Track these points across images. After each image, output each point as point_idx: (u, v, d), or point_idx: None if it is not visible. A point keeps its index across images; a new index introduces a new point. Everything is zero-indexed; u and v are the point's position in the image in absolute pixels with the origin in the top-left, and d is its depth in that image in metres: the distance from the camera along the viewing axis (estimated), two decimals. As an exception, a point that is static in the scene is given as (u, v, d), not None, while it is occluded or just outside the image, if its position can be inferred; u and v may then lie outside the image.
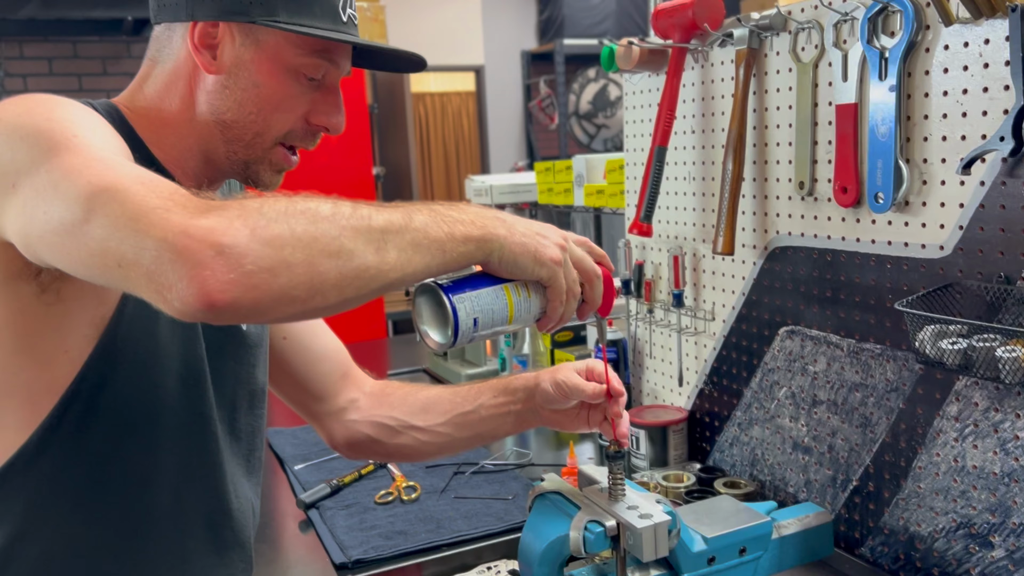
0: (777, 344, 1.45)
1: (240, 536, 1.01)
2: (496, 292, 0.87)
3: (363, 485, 1.65)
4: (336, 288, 0.71)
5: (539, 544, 1.04)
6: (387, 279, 0.75)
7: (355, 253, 0.72)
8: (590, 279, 0.90)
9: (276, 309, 0.69)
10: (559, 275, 0.87)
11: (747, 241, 1.49)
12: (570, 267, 0.88)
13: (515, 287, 0.88)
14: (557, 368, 1.10)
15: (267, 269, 0.67)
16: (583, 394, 1.04)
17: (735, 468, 1.58)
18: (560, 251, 0.86)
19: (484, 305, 0.86)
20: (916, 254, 1.18)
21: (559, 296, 0.88)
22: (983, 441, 1.11)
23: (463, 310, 0.85)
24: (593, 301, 0.92)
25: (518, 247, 0.84)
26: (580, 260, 0.89)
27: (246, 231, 0.67)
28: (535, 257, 0.85)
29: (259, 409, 1.07)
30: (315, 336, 1.20)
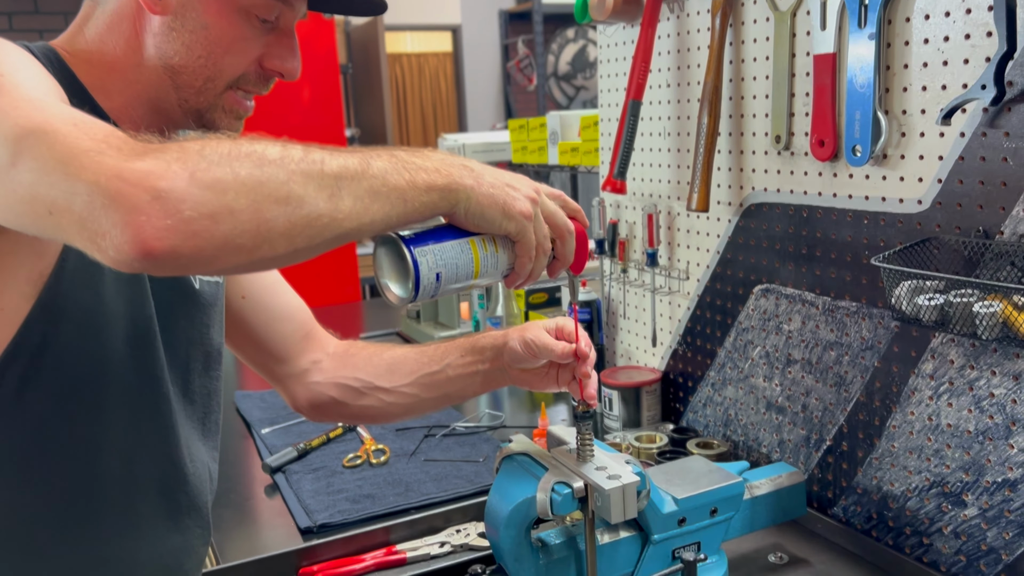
0: (752, 303, 1.42)
1: (196, 501, 0.98)
2: (461, 246, 0.83)
3: (331, 449, 1.62)
4: (285, 237, 0.67)
5: (505, 506, 1.01)
6: (341, 228, 0.70)
7: (305, 200, 0.68)
8: (562, 235, 0.86)
9: (220, 259, 0.65)
10: (528, 230, 0.82)
11: (722, 198, 1.45)
12: (541, 222, 0.84)
13: (482, 241, 0.84)
14: (526, 326, 1.06)
15: (208, 215, 0.63)
16: (552, 353, 1.01)
17: (708, 428, 1.56)
18: (531, 204, 0.82)
19: (448, 259, 0.82)
20: (893, 209, 1.15)
21: (527, 252, 0.84)
22: (958, 399, 1.09)
23: (425, 264, 0.81)
24: (564, 258, 0.88)
25: (486, 199, 0.80)
26: (552, 214, 0.85)
27: (185, 174, 0.63)
28: (503, 210, 0.80)
29: (214, 371, 1.02)
30: (275, 295, 1.15)
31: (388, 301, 0.86)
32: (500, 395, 1.94)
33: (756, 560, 1.22)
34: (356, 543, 1.30)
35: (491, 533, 1.04)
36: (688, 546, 1.11)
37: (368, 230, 0.73)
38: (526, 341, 1.03)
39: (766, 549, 1.25)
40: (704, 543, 1.12)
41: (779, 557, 1.22)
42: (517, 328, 1.07)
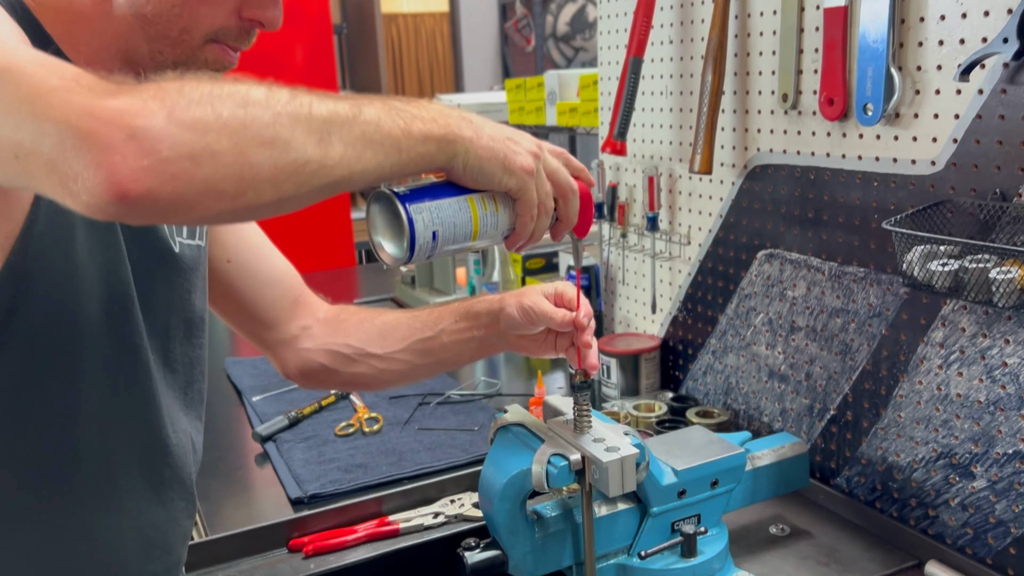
0: (755, 268, 1.38)
1: (179, 473, 0.94)
2: (459, 203, 0.78)
3: (323, 417, 1.58)
4: (271, 183, 0.63)
5: (500, 478, 0.98)
6: (332, 176, 0.66)
7: (292, 144, 0.64)
8: (565, 194, 0.82)
9: (201, 205, 0.61)
10: (530, 187, 0.79)
11: (726, 160, 1.40)
12: (543, 179, 0.80)
13: (481, 199, 0.80)
14: (523, 292, 1.02)
15: (188, 156, 0.59)
16: (551, 322, 0.97)
17: (708, 397, 1.52)
18: (533, 160, 0.78)
19: (445, 217, 0.78)
20: (905, 170, 1.10)
21: (529, 210, 0.80)
22: (969, 368, 1.05)
23: (420, 221, 0.76)
24: (568, 219, 0.84)
25: (485, 152, 0.76)
26: (554, 172, 0.81)
27: (163, 113, 0.58)
28: (504, 165, 0.76)
29: (197, 338, 0.98)
30: (262, 259, 1.11)
31: (382, 262, 0.82)
32: (496, 362, 1.90)
33: (757, 532, 1.20)
34: (348, 514, 1.27)
35: (485, 506, 1.01)
36: (688, 518, 1.08)
37: (360, 179, 0.69)
38: (524, 307, 0.99)
39: (767, 520, 1.22)
40: (704, 515, 1.09)
41: (780, 529, 1.20)
42: (514, 293, 1.03)
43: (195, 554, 1.18)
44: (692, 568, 1.04)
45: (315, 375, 1.14)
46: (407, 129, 0.71)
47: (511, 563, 1.00)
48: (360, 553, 1.20)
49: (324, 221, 3.46)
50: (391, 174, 0.71)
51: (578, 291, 0.98)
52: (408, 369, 1.11)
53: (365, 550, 1.21)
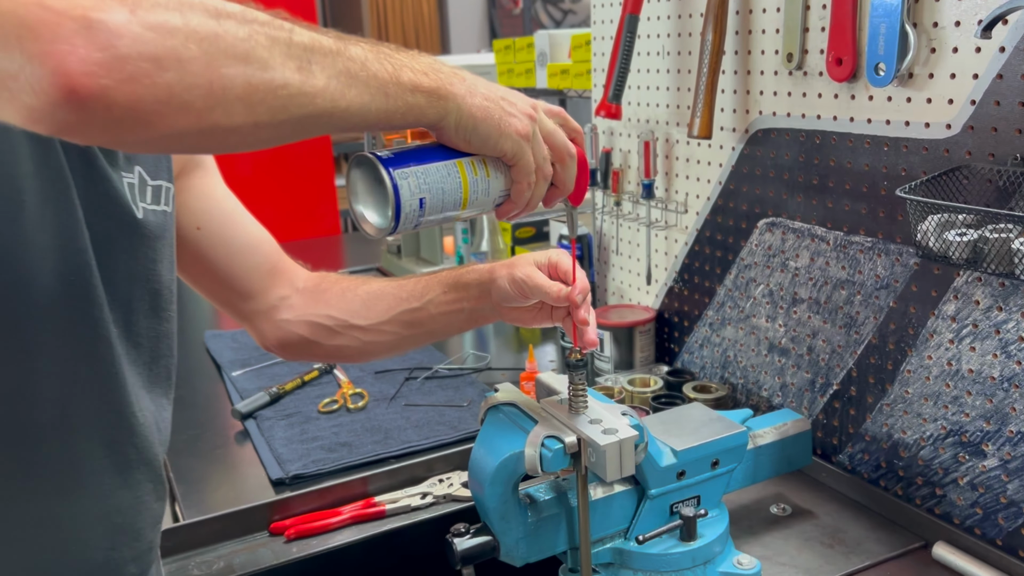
0: (755, 238, 1.32)
1: (146, 454, 0.88)
2: (448, 168, 0.72)
3: (306, 393, 1.53)
4: (243, 102, 0.57)
5: (491, 461, 0.93)
6: (313, 105, 0.61)
7: (270, 64, 0.58)
8: (562, 158, 0.77)
9: (163, 117, 0.55)
10: (526, 151, 0.73)
11: (726, 123, 1.34)
12: (540, 142, 0.74)
13: (471, 163, 0.74)
14: (515, 262, 0.96)
15: (150, 58, 0.52)
16: (545, 296, 0.91)
17: (705, 371, 1.48)
18: (529, 122, 0.73)
19: (433, 183, 0.72)
20: (918, 134, 1.04)
21: (526, 176, 0.74)
22: (982, 343, 1.00)
23: (406, 188, 0.70)
24: (564, 185, 0.79)
25: (479, 111, 0.70)
26: (551, 134, 0.75)
27: (124, 9, 0.52)
28: (499, 127, 0.71)
29: (164, 311, 0.91)
30: (235, 226, 1.04)
31: (364, 232, 0.76)
32: (485, 334, 1.85)
33: (758, 512, 1.15)
34: (332, 495, 1.22)
35: (475, 489, 0.96)
36: (687, 500, 1.03)
37: (343, 119, 0.64)
38: (516, 280, 0.93)
39: (768, 500, 1.18)
40: (704, 497, 1.04)
41: (782, 508, 1.15)
42: (505, 264, 0.97)
43: (171, 539, 1.13)
44: (692, 552, 1.00)
45: (296, 347, 1.08)
46: (395, 75, 0.66)
47: (503, 549, 0.95)
48: (345, 536, 1.15)
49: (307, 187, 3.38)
50: (376, 120, 0.66)
51: (573, 263, 0.92)
52: (394, 341, 1.06)
53: (350, 533, 1.16)
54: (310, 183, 3.39)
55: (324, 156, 3.48)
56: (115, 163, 0.83)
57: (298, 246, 2.84)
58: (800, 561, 1.04)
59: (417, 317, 1.03)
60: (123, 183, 0.83)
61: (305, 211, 3.33)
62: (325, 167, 3.49)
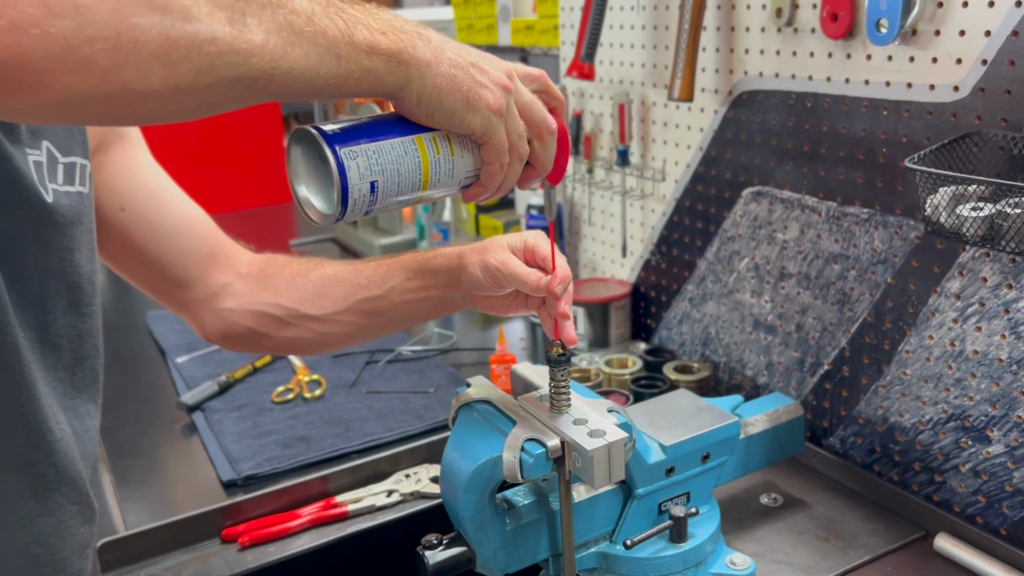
0: (740, 208, 1.24)
1: (67, 473, 0.77)
2: (404, 145, 0.63)
3: (258, 380, 1.42)
4: (161, 59, 0.47)
5: (466, 467, 0.84)
6: (247, 67, 0.51)
7: (193, 14, 0.48)
8: (540, 134, 0.68)
9: (57, 77, 0.45)
10: (499, 128, 0.64)
11: (708, 85, 1.24)
12: (515, 117, 0.65)
13: (433, 140, 0.64)
14: (487, 247, 0.86)
15: (38, 2, 0.43)
16: (522, 285, 0.81)
17: (684, 348, 1.40)
18: (503, 94, 0.63)
19: (386, 163, 0.62)
20: (921, 97, 0.96)
21: (497, 157, 0.65)
22: (989, 323, 0.93)
23: (355, 169, 0.60)
24: (542, 165, 0.69)
25: (445, 81, 0.61)
26: (528, 107, 0.66)
27: None
28: (467, 100, 0.62)
29: (86, 307, 0.80)
30: (164, 205, 0.92)
31: (307, 218, 0.65)
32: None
33: (747, 503, 1.09)
34: (289, 496, 1.12)
35: (449, 497, 0.87)
36: (676, 497, 0.96)
37: (285, 82, 0.53)
38: (488, 267, 0.83)
39: (757, 489, 1.11)
40: (693, 493, 0.97)
41: (773, 498, 1.09)
42: (476, 248, 0.87)
43: (112, 552, 1.03)
44: (683, 554, 0.92)
45: (241, 339, 0.97)
46: (348, 33, 0.56)
47: (479, 561, 0.87)
48: (304, 541, 1.06)
49: (251, 151, 3.20)
50: (325, 86, 0.56)
51: (552, 250, 0.82)
52: (352, 331, 0.95)
53: (310, 537, 1.07)
54: (254, 146, 3.20)
55: (271, 116, 3.30)
56: (16, 138, 0.71)
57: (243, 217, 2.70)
58: (796, 558, 0.97)
59: (378, 306, 0.93)
60: (28, 162, 0.71)
61: (249, 178, 3.16)
62: (272, 128, 3.31)
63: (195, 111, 0.52)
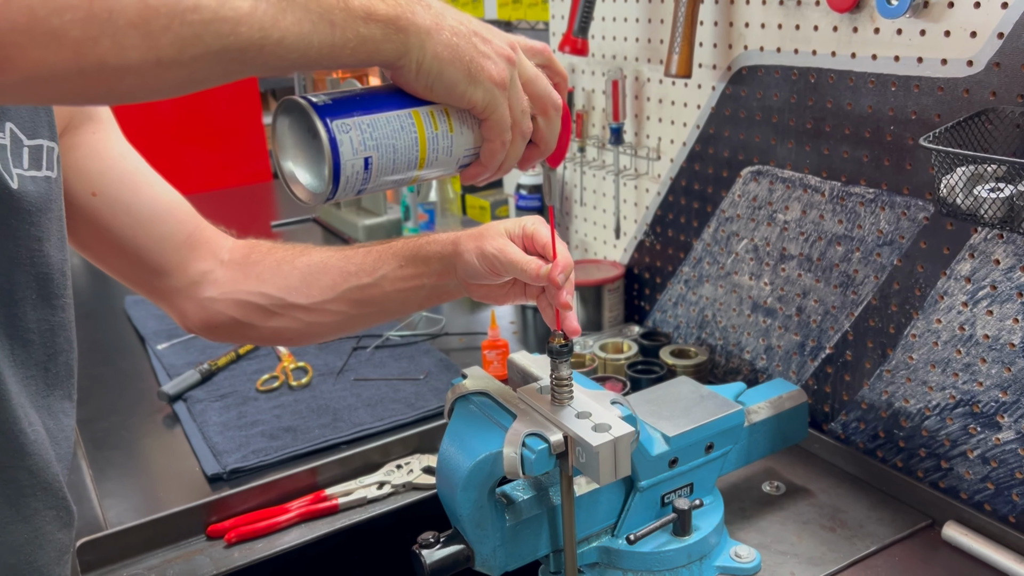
0: (738, 188, 1.20)
1: (43, 476, 0.73)
2: (401, 120, 0.58)
3: (241, 368, 1.37)
4: (140, 31, 0.44)
5: (464, 463, 0.80)
6: (234, 37, 0.47)
7: None
8: (545, 110, 0.64)
9: (24, 51, 0.41)
10: (501, 103, 0.60)
11: (705, 60, 1.20)
12: (519, 92, 0.61)
13: (431, 114, 0.60)
14: (483, 233, 0.82)
15: None
16: (522, 274, 0.77)
17: (679, 331, 1.37)
18: (507, 66, 0.59)
19: (382, 138, 0.58)
20: (933, 72, 0.93)
21: (499, 134, 0.61)
22: (1002, 307, 0.90)
23: (348, 144, 0.56)
24: (546, 143, 0.66)
25: (447, 51, 0.57)
26: (533, 81, 0.62)
27: None
28: (469, 71, 0.58)
29: (58, 298, 0.75)
30: (138, 189, 0.87)
31: (295, 197, 0.61)
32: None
33: (749, 491, 1.06)
34: (276, 490, 1.08)
35: (446, 494, 0.84)
36: (679, 489, 0.93)
37: (276, 52, 0.49)
38: (485, 254, 0.79)
39: (759, 476, 1.08)
40: (697, 483, 0.94)
41: (775, 486, 1.06)
42: (472, 235, 0.83)
43: (92, 551, 0.98)
44: (687, 548, 0.89)
45: (224, 329, 0.92)
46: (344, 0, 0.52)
47: (478, 559, 0.84)
48: (293, 536, 1.03)
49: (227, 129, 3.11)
50: (319, 57, 0.52)
51: (553, 235, 0.78)
52: (342, 321, 0.91)
53: (299, 532, 1.03)
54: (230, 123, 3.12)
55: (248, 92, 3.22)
56: None
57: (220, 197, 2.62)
58: (801, 549, 0.95)
59: (369, 295, 0.88)
60: None
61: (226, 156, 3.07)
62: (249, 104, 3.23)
63: (180, 87, 0.48)
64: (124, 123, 0.90)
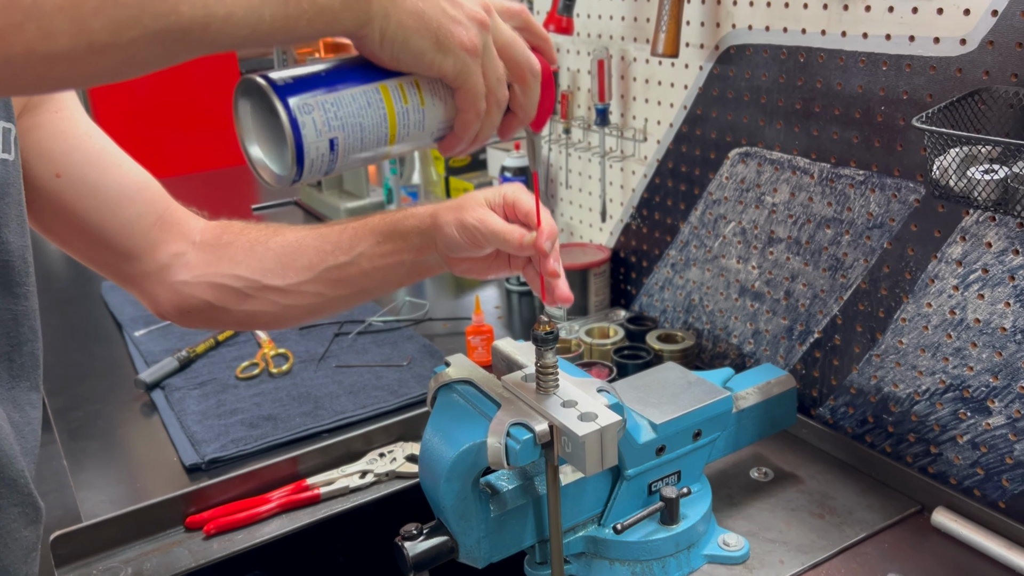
0: (726, 170, 1.18)
1: (7, 472, 0.70)
2: (367, 95, 0.56)
3: (220, 355, 1.34)
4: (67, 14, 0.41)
5: (447, 453, 0.78)
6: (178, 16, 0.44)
7: None
8: (522, 77, 0.61)
9: None
10: (474, 71, 0.57)
11: (693, 39, 1.17)
12: (493, 58, 0.58)
13: (400, 86, 0.57)
14: (463, 204, 0.79)
15: None
16: (505, 244, 0.75)
17: (666, 315, 1.35)
18: (479, 30, 0.56)
19: (347, 117, 0.55)
20: (925, 51, 0.91)
21: (473, 104, 0.58)
22: (993, 290, 0.89)
23: (311, 125, 0.54)
24: (525, 111, 0.63)
25: (412, 19, 0.54)
26: (508, 45, 0.59)
27: None
28: (438, 39, 0.55)
29: (20, 287, 0.72)
30: (105, 169, 0.83)
31: (261, 179, 0.58)
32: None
33: (737, 477, 1.05)
34: (256, 480, 1.06)
35: (429, 485, 0.82)
36: (667, 477, 0.91)
37: (223, 30, 0.46)
38: (466, 226, 0.77)
39: (746, 463, 1.07)
40: (684, 471, 0.93)
41: (763, 473, 1.05)
42: (451, 206, 0.80)
43: (67, 544, 0.96)
44: (674, 537, 0.88)
45: (198, 314, 0.89)
46: None
47: (462, 551, 0.82)
48: (274, 527, 1.00)
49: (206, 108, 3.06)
50: (271, 31, 0.48)
51: (537, 201, 0.76)
52: (320, 303, 0.88)
53: (280, 523, 1.01)
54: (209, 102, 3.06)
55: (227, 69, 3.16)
56: None
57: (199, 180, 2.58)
58: (790, 536, 0.94)
59: (347, 274, 0.85)
60: None
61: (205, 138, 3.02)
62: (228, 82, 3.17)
63: (118, 71, 0.45)
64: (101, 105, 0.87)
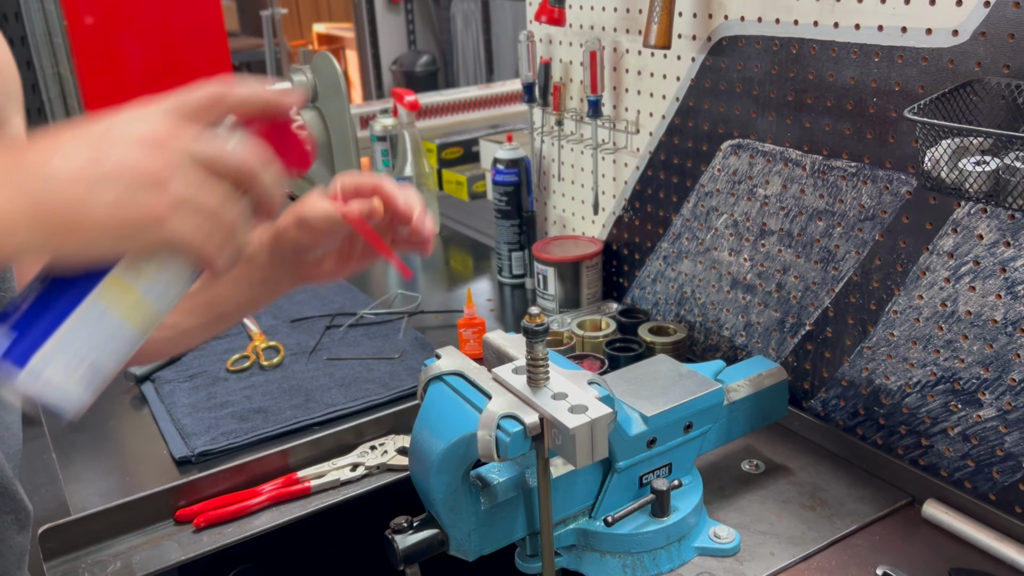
0: (718, 162, 1.18)
1: None
2: (93, 307, 0.50)
3: (211, 348, 1.34)
4: None
5: (437, 445, 0.78)
6: None
7: None
8: (246, 180, 0.51)
9: None
10: (178, 231, 0.48)
11: (685, 30, 1.17)
12: (199, 191, 0.48)
13: (118, 283, 0.51)
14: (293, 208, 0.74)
15: None
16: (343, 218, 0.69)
17: (658, 307, 1.35)
18: (161, 184, 0.47)
19: (87, 344, 0.50)
20: (917, 42, 0.90)
21: (200, 250, 0.50)
22: (984, 282, 0.89)
23: (58, 377, 0.49)
24: (268, 204, 0.53)
25: (69, 217, 0.46)
26: (211, 161, 0.49)
27: None
28: (121, 229, 0.46)
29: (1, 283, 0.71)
30: None
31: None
32: (414, 269, 1.67)
33: (728, 470, 1.05)
34: (247, 472, 1.06)
35: (419, 477, 0.81)
36: (658, 469, 0.91)
37: None
38: (301, 221, 0.72)
39: (737, 455, 1.07)
40: (675, 463, 0.93)
41: (754, 465, 1.05)
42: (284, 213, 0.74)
43: (55, 538, 0.95)
44: (665, 529, 0.88)
45: None
46: None
47: (452, 543, 0.82)
48: (264, 520, 1.00)
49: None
50: None
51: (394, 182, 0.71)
52: (175, 336, 0.81)
53: (270, 516, 1.01)
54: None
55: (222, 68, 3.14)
56: None
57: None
58: (781, 528, 0.94)
59: (198, 303, 0.79)
60: None
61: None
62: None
63: None
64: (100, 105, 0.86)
